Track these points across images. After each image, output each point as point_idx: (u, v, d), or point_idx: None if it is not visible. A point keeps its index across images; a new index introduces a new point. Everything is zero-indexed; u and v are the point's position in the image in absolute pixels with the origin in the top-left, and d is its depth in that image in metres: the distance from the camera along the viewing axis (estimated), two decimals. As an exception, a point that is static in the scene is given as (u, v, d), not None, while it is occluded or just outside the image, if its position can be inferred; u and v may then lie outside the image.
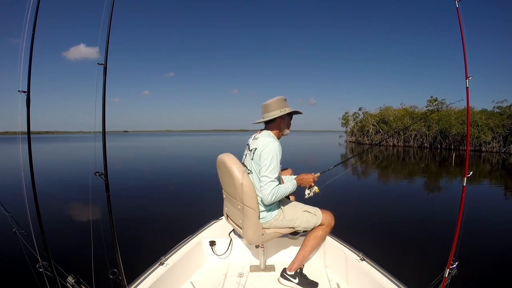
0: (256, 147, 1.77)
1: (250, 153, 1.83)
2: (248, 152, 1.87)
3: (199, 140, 57.05)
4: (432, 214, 6.03)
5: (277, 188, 1.69)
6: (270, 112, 1.84)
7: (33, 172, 1.32)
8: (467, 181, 1.40)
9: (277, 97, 1.86)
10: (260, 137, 1.81)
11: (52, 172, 11.93)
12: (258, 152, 1.74)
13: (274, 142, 1.73)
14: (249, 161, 1.83)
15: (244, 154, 1.95)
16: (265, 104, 1.86)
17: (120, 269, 1.38)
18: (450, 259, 1.39)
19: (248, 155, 1.85)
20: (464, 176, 1.38)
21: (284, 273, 1.97)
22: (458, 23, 1.35)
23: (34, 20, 1.29)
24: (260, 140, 1.78)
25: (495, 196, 8.25)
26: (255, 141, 1.83)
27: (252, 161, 1.79)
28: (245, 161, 1.89)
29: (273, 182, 1.68)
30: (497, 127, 24.39)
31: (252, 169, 1.80)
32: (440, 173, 12.60)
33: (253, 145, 1.82)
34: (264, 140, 1.75)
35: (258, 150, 1.74)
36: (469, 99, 1.40)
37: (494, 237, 4.66)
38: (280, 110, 1.83)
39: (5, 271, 3.38)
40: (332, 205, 2.05)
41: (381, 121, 34.34)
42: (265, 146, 1.71)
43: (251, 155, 1.80)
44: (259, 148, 1.74)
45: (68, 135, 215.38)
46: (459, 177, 10.52)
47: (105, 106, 1.34)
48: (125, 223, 4.94)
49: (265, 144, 1.72)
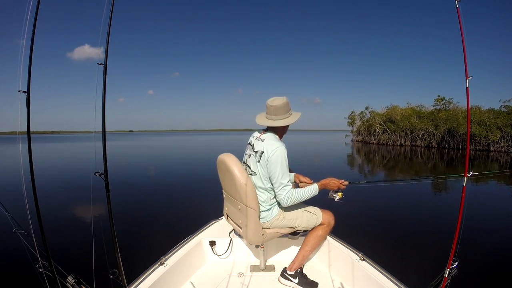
0: (263, 150, 1.74)
1: (255, 154, 1.79)
2: (252, 153, 1.82)
3: (203, 140, 57.13)
4: (433, 214, 6.02)
5: (292, 192, 1.72)
6: (280, 115, 1.80)
7: (33, 172, 1.32)
8: (468, 181, 1.40)
9: (284, 99, 1.82)
10: (267, 139, 1.77)
11: (53, 172, 11.96)
12: (265, 156, 1.71)
13: (281, 147, 1.72)
14: (254, 163, 1.80)
15: (246, 154, 1.91)
16: (276, 106, 1.78)
17: (120, 269, 1.38)
18: (450, 259, 1.38)
19: (253, 156, 1.80)
20: (464, 176, 1.38)
21: (284, 273, 1.96)
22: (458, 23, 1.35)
23: (34, 20, 1.30)
24: (267, 143, 1.74)
25: (499, 196, 8.23)
26: (260, 142, 1.79)
27: (259, 164, 1.75)
28: (249, 162, 1.85)
29: (287, 186, 1.71)
30: (505, 127, 24.16)
31: (257, 171, 1.77)
32: (445, 173, 12.50)
33: (259, 147, 1.78)
34: (272, 145, 1.72)
35: (265, 155, 1.72)
36: (469, 99, 1.41)
37: (495, 237, 4.64)
38: (289, 114, 1.84)
39: (5, 271, 3.39)
40: (333, 205, 2.04)
41: (388, 121, 34.15)
42: (273, 151, 1.69)
43: (257, 157, 1.77)
44: (267, 153, 1.71)
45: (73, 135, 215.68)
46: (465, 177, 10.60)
47: (105, 106, 1.34)
48: (125, 223, 4.96)
49: (273, 149, 1.70)
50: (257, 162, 1.77)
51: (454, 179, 1.59)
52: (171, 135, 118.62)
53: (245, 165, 1.87)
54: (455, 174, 1.79)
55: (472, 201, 6.41)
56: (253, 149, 1.82)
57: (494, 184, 10.03)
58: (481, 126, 24.77)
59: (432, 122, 29.39)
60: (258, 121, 1.89)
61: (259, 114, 1.94)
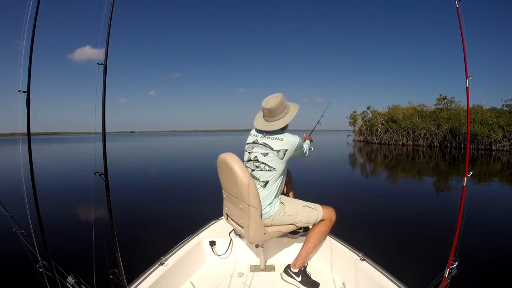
0: (287, 148, 1.82)
1: (277, 153, 1.82)
2: (272, 152, 1.83)
3: (203, 140, 57.17)
4: (433, 213, 6.01)
5: (306, 150, 2.12)
6: (278, 115, 1.87)
7: (33, 172, 1.32)
8: (468, 181, 1.40)
9: (279, 98, 1.84)
10: (285, 138, 1.85)
11: (53, 172, 11.98)
12: (291, 151, 1.85)
13: (298, 137, 1.89)
14: (275, 160, 1.83)
15: (253, 152, 1.90)
16: (270, 108, 1.84)
17: (120, 269, 1.38)
18: (450, 259, 1.38)
19: (274, 155, 1.83)
20: (464, 176, 1.38)
21: (288, 270, 1.96)
22: (458, 23, 1.35)
23: (34, 20, 1.30)
24: (288, 141, 1.84)
25: (499, 195, 8.22)
26: (279, 142, 1.84)
27: (282, 160, 1.83)
28: (264, 159, 1.85)
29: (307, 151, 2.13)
30: (507, 125, 24.11)
31: (277, 167, 1.84)
32: (446, 172, 12.47)
33: (279, 146, 1.83)
34: (292, 140, 1.85)
35: (291, 150, 1.84)
36: (469, 99, 1.41)
37: (495, 237, 4.63)
38: (287, 111, 1.92)
39: (5, 271, 3.40)
40: (333, 205, 2.04)
41: (390, 120, 34.15)
42: (297, 143, 1.86)
43: (280, 155, 1.82)
44: (293, 148, 1.85)
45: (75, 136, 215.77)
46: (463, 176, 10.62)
47: (105, 105, 1.34)
48: (125, 223, 4.96)
49: (296, 142, 1.86)
50: (280, 160, 1.82)
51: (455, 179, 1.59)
52: (172, 136, 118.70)
53: (257, 162, 1.86)
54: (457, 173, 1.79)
55: (472, 201, 6.42)
56: (272, 149, 1.83)
57: (494, 184, 10.03)
58: (483, 125, 24.73)
59: (434, 121, 29.35)
60: (257, 125, 1.94)
61: (256, 117, 1.98)
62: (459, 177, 10.54)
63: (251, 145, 1.94)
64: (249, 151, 1.94)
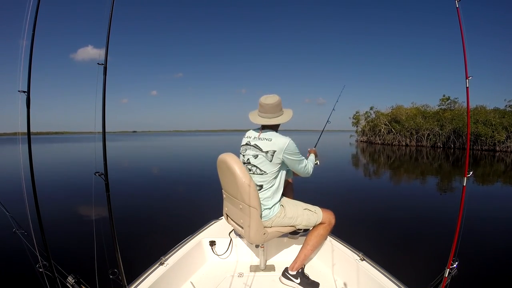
0: (275, 149, 1.77)
1: (266, 154, 1.79)
2: (261, 153, 1.81)
3: (205, 140, 57.16)
4: (433, 213, 6.00)
5: (309, 168, 1.98)
6: (275, 113, 1.87)
7: (33, 172, 1.32)
8: (468, 181, 1.40)
9: (277, 98, 1.87)
10: (273, 138, 1.81)
11: (53, 172, 11.99)
12: (280, 153, 1.78)
13: (290, 139, 1.81)
14: (265, 162, 1.80)
15: (246, 154, 1.89)
16: (271, 104, 1.84)
17: (120, 269, 1.38)
18: (450, 259, 1.38)
19: (263, 157, 1.80)
20: (464, 176, 1.38)
21: (286, 273, 1.95)
22: (458, 23, 1.35)
23: (34, 20, 1.30)
24: (276, 141, 1.79)
25: (500, 196, 8.19)
26: (267, 142, 1.80)
27: (270, 163, 1.78)
28: (254, 162, 1.83)
29: (306, 167, 1.94)
30: (511, 126, 23.96)
31: (268, 170, 1.80)
32: (448, 173, 12.42)
33: (268, 147, 1.79)
34: (281, 141, 1.79)
35: (279, 152, 1.77)
36: (469, 99, 1.41)
37: (495, 237, 4.61)
38: (282, 112, 1.91)
39: (5, 271, 3.40)
40: (333, 205, 2.05)
41: (393, 121, 33.97)
42: (287, 146, 1.78)
43: (268, 157, 1.78)
44: (281, 150, 1.77)
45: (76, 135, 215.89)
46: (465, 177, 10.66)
47: (105, 105, 1.34)
48: (125, 223, 4.96)
49: (286, 143, 1.78)
50: (269, 162, 1.79)
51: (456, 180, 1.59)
52: (174, 136, 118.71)
53: (249, 165, 1.86)
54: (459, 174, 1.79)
55: (473, 201, 6.41)
56: (261, 150, 1.82)
57: (496, 185, 9.99)
58: (486, 126, 24.52)
59: (438, 122, 29.18)
60: (254, 120, 1.91)
61: (252, 113, 1.96)
62: (461, 178, 10.50)
63: (244, 147, 1.93)
64: (243, 153, 1.94)
